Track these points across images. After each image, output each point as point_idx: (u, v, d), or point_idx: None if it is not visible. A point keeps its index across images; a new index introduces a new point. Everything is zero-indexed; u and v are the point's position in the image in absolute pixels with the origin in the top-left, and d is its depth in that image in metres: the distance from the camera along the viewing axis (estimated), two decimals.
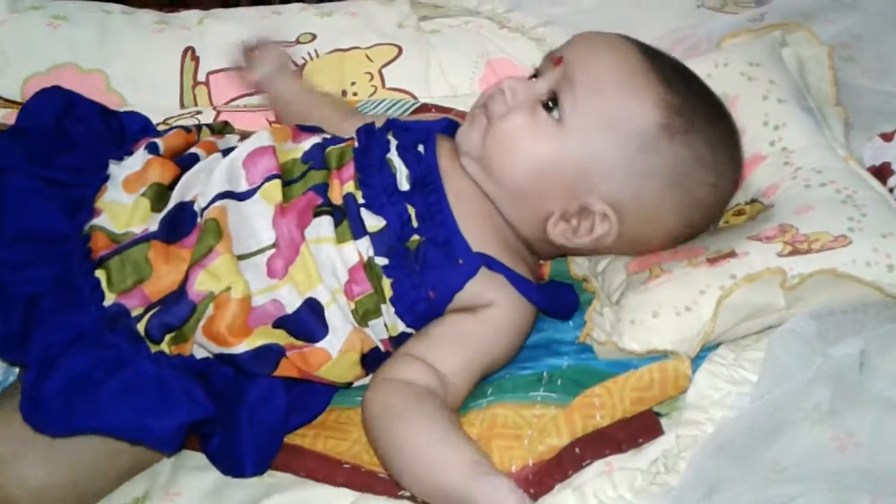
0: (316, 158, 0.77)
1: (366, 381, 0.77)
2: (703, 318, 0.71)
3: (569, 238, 0.76)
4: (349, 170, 0.77)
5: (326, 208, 0.74)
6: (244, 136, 0.83)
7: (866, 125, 0.92)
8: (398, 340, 0.75)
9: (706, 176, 0.76)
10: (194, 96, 1.08)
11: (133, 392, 0.65)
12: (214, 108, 1.07)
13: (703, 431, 0.67)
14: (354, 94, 1.08)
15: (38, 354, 0.66)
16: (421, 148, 0.79)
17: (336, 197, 0.75)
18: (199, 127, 0.84)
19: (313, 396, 0.74)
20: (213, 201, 0.73)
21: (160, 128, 1.00)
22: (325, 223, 0.73)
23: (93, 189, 0.74)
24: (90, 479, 0.68)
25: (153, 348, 0.69)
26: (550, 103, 0.75)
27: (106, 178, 0.75)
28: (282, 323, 0.71)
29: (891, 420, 0.63)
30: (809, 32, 0.93)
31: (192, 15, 1.15)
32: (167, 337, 0.69)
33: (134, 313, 0.70)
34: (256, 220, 0.73)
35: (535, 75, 0.79)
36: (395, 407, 0.68)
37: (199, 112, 1.06)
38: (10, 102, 1.06)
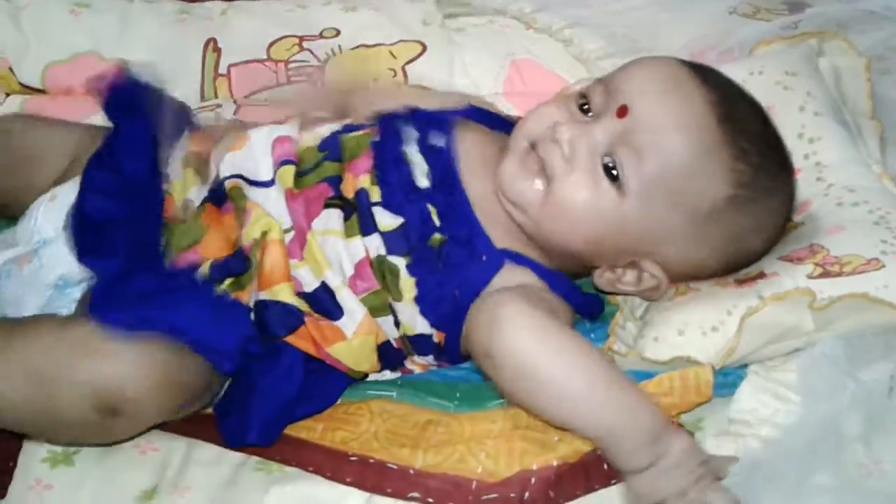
0: (332, 148, 0.77)
1: (379, 377, 0.77)
2: (728, 337, 0.70)
3: (613, 286, 0.76)
4: (364, 162, 0.76)
5: (337, 201, 0.74)
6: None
7: None
8: (414, 341, 0.74)
9: (762, 235, 0.75)
10: (215, 88, 1.07)
11: (202, 306, 0.70)
12: (235, 101, 1.06)
13: (747, 446, 0.66)
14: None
15: (116, 265, 0.70)
16: (440, 140, 0.78)
17: (349, 191, 0.75)
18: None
19: (327, 386, 0.74)
20: (229, 177, 0.77)
21: None
22: (334, 216, 0.74)
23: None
24: (165, 373, 0.67)
25: (217, 288, 0.73)
26: (613, 169, 0.71)
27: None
28: (303, 296, 0.73)
29: None
30: (846, 42, 0.92)
31: (216, 6, 1.14)
32: (227, 281, 0.73)
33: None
34: (278, 205, 0.75)
35: (587, 104, 0.74)
36: (556, 331, 0.69)
37: (219, 105, 1.05)
38: (29, 89, 1.05)
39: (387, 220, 0.73)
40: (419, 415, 0.73)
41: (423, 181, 0.75)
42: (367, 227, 0.73)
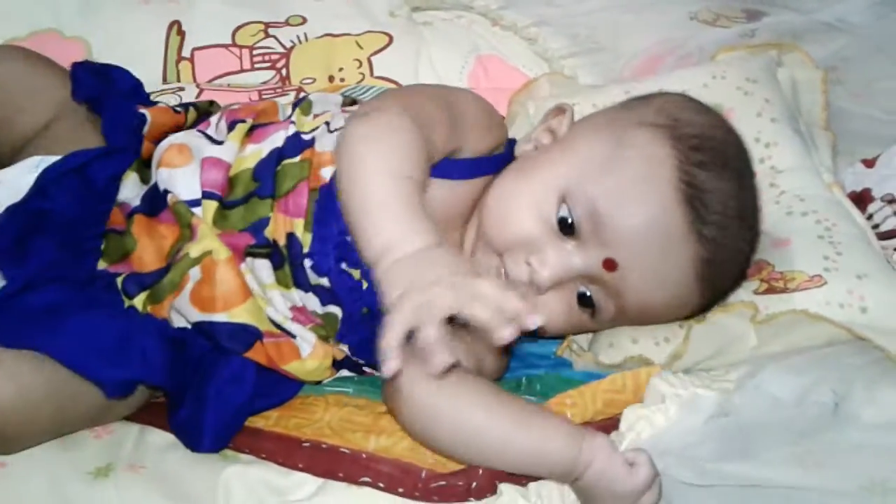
0: (266, 178, 0.71)
1: (336, 375, 0.77)
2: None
3: None
4: (299, 199, 0.69)
5: (262, 250, 0.70)
6: (231, 113, 0.79)
7: (849, 149, 0.94)
8: (367, 362, 0.74)
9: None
10: (178, 72, 1.06)
11: (94, 333, 0.66)
12: (198, 86, 1.04)
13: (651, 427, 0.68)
14: (342, 79, 1.06)
15: (26, 274, 0.68)
16: None
17: (279, 234, 0.69)
18: (186, 107, 0.82)
19: (283, 383, 0.73)
20: (167, 192, 0.73)
21: None
22: (261, 267, 0.70)
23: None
24: (35, 406, 0.65)
25: (126, 302, 0.70)
26: (588, 297, 0.70)
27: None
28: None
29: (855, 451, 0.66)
30: (805, 55, 0.95)
31: None
32: (142, 295, 0.70)
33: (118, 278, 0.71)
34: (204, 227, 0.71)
35: (568, 220, 0.69)
36: (454, 382, 0.66)
37: (181, 88, 1.03)
38: None
39: (316, 279, 0.70)
40: (375, 406, 0.73)
41: None
42: (302, 283, 0.69)
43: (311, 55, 1.07)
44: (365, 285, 0.69)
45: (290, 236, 0.69)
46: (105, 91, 0.81)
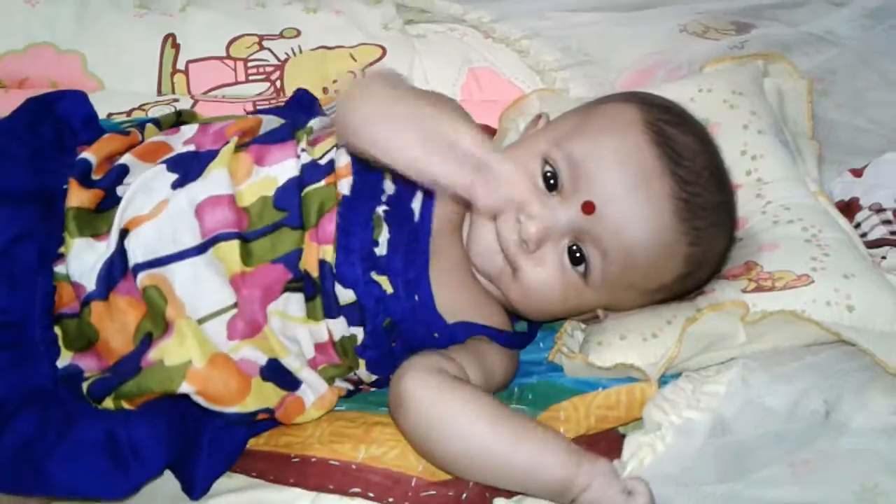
0: (292, 208, 0.68)
1: None
2: (667, 344, 0.73)
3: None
4: (329, 224, 0.69)
5: (297, 283, 0.68)
6: (205, 126, 0.76)
7: (837, 159, 0.95)
8: (372, 383, 0.74)
9: (701, 284, 0.77)
10: (172, 84, 1.07)
11: (81, 458, 0.63)
12: (192, 97, 1.06)
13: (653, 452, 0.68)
14: (336, 91, 1.07)
15: None
16: (417, 203, 0.72)
17: (311, 265, 0.68)
18: (142, 126, 0.77)
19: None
20: (153, 263, 0.66)
21: (136, 114, 1.00)
22: (294, 301, 0.68)
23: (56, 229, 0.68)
24: None
25: (98, 406, 0.66)
26: (578, 253, 0.71)
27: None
28: (265, 375, 0.68)
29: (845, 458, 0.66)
30: (791, 65, 0.95)
31: (175, 1, 1.13)
32: (108, 398, 0.66)
33: (87, 375, 0.67)
34: (212, 280, 0.67)
35: (552, 176, 0.71)
36: (458, 395, 0.66)
37: (176, 100, 1.05)
38: None
39: (344, 297, 0.69)
40: (367, 418, 0.73)
41: (383, 249, 0.70)
42: (331, 308, 0.68)
43: (306, 67, 1.08)
44: (391, 291, 0.69)
45: (322, 263, 0.68)
46: (12, 159, 0.70)
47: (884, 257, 0.83)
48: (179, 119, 0.80)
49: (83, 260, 0.67)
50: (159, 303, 0.66)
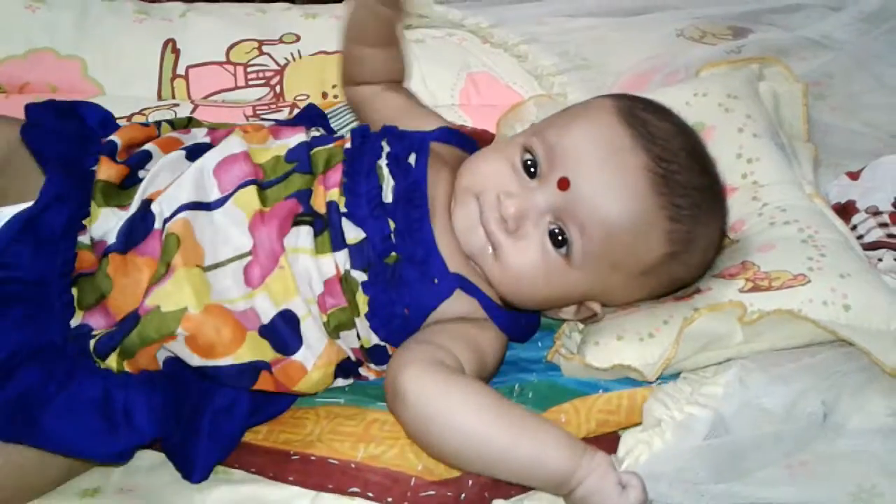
0: (302, 159, 0.75)
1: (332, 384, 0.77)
2: (664, 344, 0.73)
3: (554, 314, 0.79)
4: (336, 174, 0.75)
5: (307, 217, 0.72)
6: (213, 130, 0.81)
7: (834, 162, 0.96)
8: (370, 352, 0.74)
9: (695, 272, 0.78)
10: (173, 89, 1.07)
11: (75, 413, 0.65)
12: (192, 102, 1.06)
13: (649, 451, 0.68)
14: (335, 96, 1.08)
15: (1, 361, 0.66)
16: (412, 159, 0.77)
17: (319, 204, 0.73)
18: (158, 123, 0.82)
19: (276, 399, 0.73)
20: (176, 212, 0.71)
21: (135, 119, 1.00)
22: (304, 233, 0.72)
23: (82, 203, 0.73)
24: (19, 475, 0.66)
25: (101, 365, 0.68)
26: (559, 235, 0.73)
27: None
28: (263, 333, 0.70)
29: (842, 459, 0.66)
30: (786, 68, 0.96)
31: (175, 7, 1.14)
32: (113, 355, 0.68)
33: (95, 333, 0.69)
34: (230, 229, 0.71)
35: (532, 163, 0.74)
36: (458, 388, 0.67)
37: (176, 105, 1.05)
38: None
39: (352, 234, 0.73)
40: (365, 414, 0.74)
41: (388, 196, 0.75)
42: (337, 242, 0.72)
43: (305, 72, 1.08)
44: (393, 226, 0.73)
45: (329, 204, 0.73)
46: (51, 134, 0.77)
47: (880, 259, 0.83)
48: (190, 123, 0.85)
49: (107, 223, 0.72)
50: (171, 250, 0.69)
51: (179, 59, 1.08)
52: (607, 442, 0.70)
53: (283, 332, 0.70)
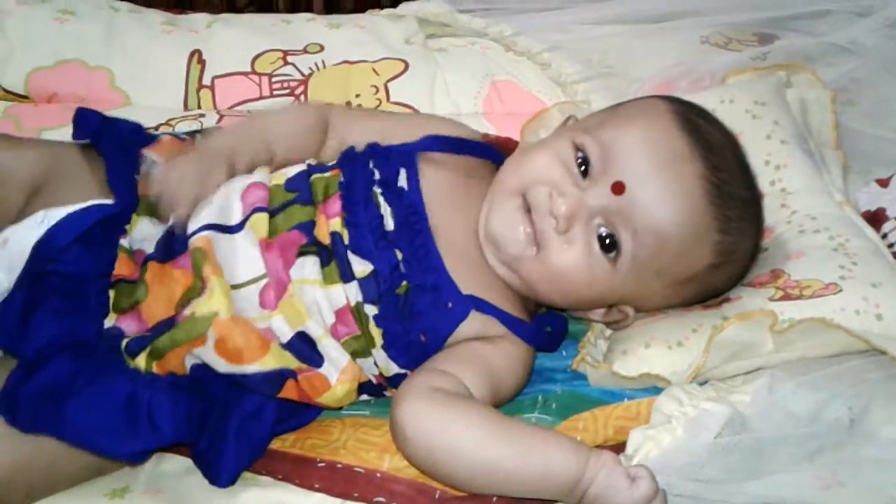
0: (302, 188, 0.75)
1: (357, 399, 0.77)
2: (693, 353, 0.72)
3: (583, 314, 0.79)
4: (335, 204, 0.74)
5: (312, 248, 0.72)
6: None
7: (863, 169, 0.94)
8: (392, 379, 0.74)
9: (730, 282, 0.77)
10: (199, 99, 1.08)
11: (100, 409, 0.66)
12: (218, 112, 1.07)
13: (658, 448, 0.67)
14: (359, 105, 1.08)
15: (33, 352, 0.68)
16: (403, 179, 0.76)
17: (323, 235, 0.73)
18: (192, 134, 0.83)
19: (303, 410, 0.73)
20: (199, 230, 0.72)
21: (162, 129, 1.01)
22: (309, 264, 0.71)
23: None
24: (44, 469, 0.67)
25: (130, 364, 0.69)
26: (608, 238, 0.71)
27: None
28: (285, 347, 0.70)
29: (874, 469, 0.65)
30: (814, 75, 0.95)
31: (201, 18, 1.15)
32: (143, 354, 0.69)
33: (127, 336, 0.70)
34: (248, 251, 0.72)
35: (583, 162, 0.73)
36: (456, 416, 0.66)
37: (202, 115, 1.06)
38: (12, 95, 1.05)
39: (359, 267, 0.72)
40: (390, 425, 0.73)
41: (390, 224, 0.74)
42: (346, 273, 0.71)
43: (329, 82, 1.09)
44: (402, 256, 0.72)
45: (333, 234, 0.73)
46: (105, 134, 0.79)
47: None
48: None
49: (145, 230, 0.74)
50: (200, 262, 0.70)
51: (205, 70, 1.09)
52: (623, 448, 0.69)
53: (303, 350, 0.70)
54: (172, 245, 0.72)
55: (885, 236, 0.86)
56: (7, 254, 0.73)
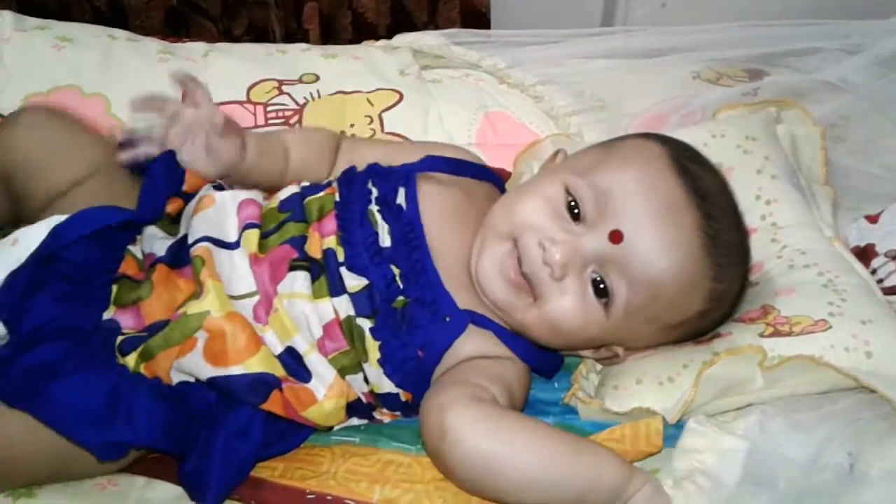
0: (294, 209, 0.76)
1: (346, 424, 0.77)
2: (684, 388, 0.73)
3: (574, 352, 0.79)
4: (330, 223, 0.75)
5: (303, 263, 0.73)
6: None
7: (852, 205, 0.95)
8: (382, 398, 0.74)
9: (717, 323, 0.77)
10: None
11: (82, 395, 0.66)
12: None
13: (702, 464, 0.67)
14: (353, 135, 1.08)
15: (28, 329, 0.69)
16: (401, 197, 0.77)
17: (315, 251, 0.74)
18: None
19: (290, 432, 0.73)
20: (199, 241, 0.74)
21: None
22: (300, 278, 0.72)
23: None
24: (8, 447, 0.67)
25: (120, 360, 0.70)
26: (601, 283, 0.71)
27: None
28: (276, 357, 0.71)
29: None
30: (803, 111, 0.96)
31: (198, 47, 1.15)
32: (134, 353, 0.70)
33: (124, 331, 0.72)
34: (242, 268, 0.73)
35: (575, 206, 0.72)
36: (508, 422, 0.66)
37: None
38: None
39: (353, 282, 0.73)
40: (380, 455, 0.73)
41: (386, 241, 0.75)
42: (336, 288, 0.72)
43: (324, 112, 1.09)
44: (399, 272, 0.73)
45: (326, 251, 0.73)
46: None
47: None
48: None
49: (155, 239, 0.77)
50: (199, 267, 0.72)
51: None
52: None
53: (291, 364, 0.71)
54: (181, 253, 0.74)
55: (874, 272, 0.86)
56: (17, 253, 0.74)
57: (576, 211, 0.72)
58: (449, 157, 0.83)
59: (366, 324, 0.72)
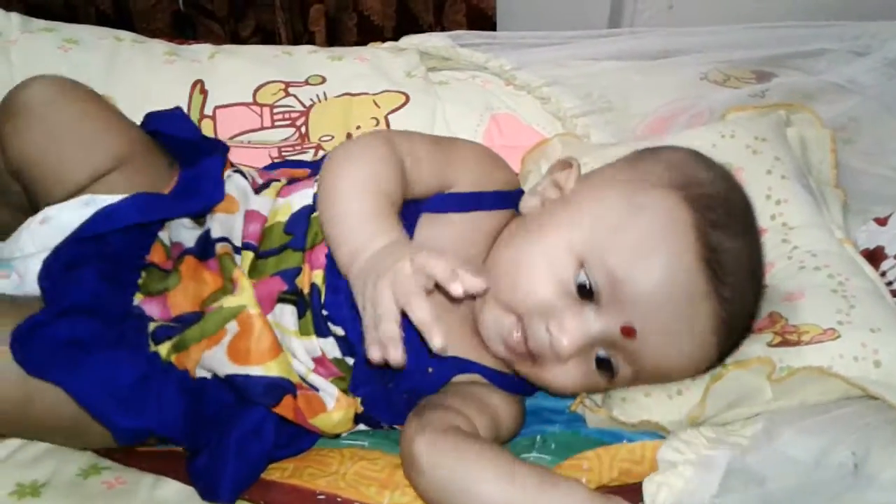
0: (298, 231, 0.74)
1: (354, 430, 0.77)
2: (692, 401, 0.72)
3: None
4: (321, 254, 0.72)
5: (291, 296, 0.72)
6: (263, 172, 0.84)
7: (862, 208, 0.95)
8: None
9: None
10: (200, 129, 1.08)
11: (113, 375, 0.67)
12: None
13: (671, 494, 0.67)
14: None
15: (69, 301, 0.69)
16: None
17: (304, 283, 0.72)
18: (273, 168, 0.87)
19: (301, 436, 0.74)
20: (219, 240, 0.75)
21: None
22: (287, 313, 0.72)
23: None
24: (40, 414, 0.67)
25: (152, 347, 0.71)
26: (605, 362, 0.70)
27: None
28: None
29: None
30: (813, 114, 0.96)
31: (204, 49, 1.15)
32: (167, 343, 0.70)
33: (155, 321, 0.72)
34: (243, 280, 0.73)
35: (588, 291, 0.68)
36: (472, 455, 0.66)
37: None
38: None
39: (335, 327, 0.72)
40: (389, 459, 0.73)
41: None
42: (321, 329, 0.71)
43: (330, 113, 1.09)
44: None
45: (313, 286, 0.72)
46: (197, 145, 0.83)
47: None
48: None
49: (183, 226, 0.77)
50: (229, 266, 0.73)
51: (207, 100, 1.09)
52: (631, 493, 0.69)
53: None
54: (207, 246, 0.74)
55: (883, 274, 0.86)
56: (46, 231, 0.74)
57: (588, 287, 0.68)
58: (463, 194, 0.76)
59: (352, 362, 0.72)
